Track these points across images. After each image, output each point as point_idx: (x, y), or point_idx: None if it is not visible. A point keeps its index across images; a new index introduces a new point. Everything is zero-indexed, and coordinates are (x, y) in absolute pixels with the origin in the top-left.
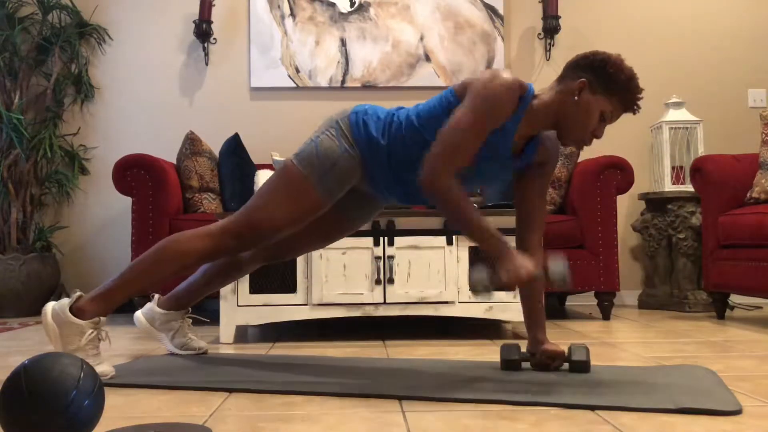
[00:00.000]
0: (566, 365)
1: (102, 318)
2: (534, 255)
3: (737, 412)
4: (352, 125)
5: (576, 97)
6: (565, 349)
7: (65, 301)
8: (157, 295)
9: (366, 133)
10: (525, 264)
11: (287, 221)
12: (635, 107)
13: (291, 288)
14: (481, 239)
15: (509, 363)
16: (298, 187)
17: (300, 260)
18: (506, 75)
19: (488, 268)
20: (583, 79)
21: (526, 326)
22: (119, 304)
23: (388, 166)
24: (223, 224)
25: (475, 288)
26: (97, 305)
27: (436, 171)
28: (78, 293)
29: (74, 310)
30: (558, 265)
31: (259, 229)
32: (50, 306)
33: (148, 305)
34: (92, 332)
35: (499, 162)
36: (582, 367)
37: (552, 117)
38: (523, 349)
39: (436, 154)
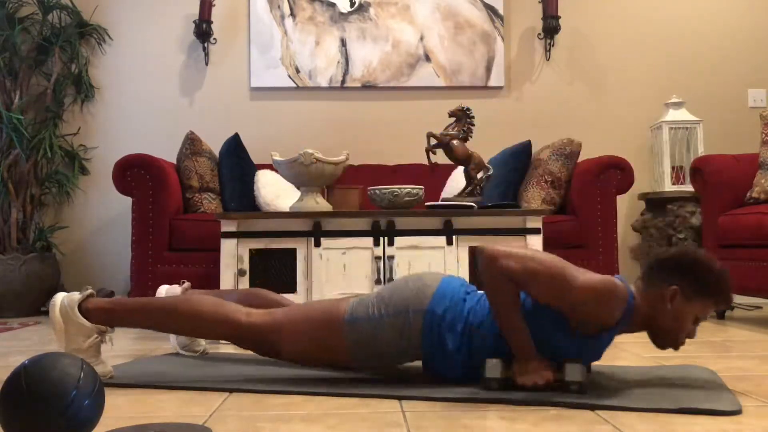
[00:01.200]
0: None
1: (110, 328)
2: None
3: (737, 412)
4: (423, 330)
5: (669, 306)
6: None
7: (75, 297)
8: (187, 283)
9: (439, 343)
10: (544, 372)
11: (306, 360)
12: (730, 302)
13: (291, 288)
14: (513, 338)
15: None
16: (334, 347)
17: (300, 260)
18: (623, 287)
19: (501, 361)
20: (675, 288)
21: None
22: (126, 326)
23: (460, 367)
24: (251, 323)
25: (487, 383)
26: (106, 316)
27: (509, 256)
28: (89, 290)
29: (82, 308)
30: (575, 369)
31: (275, 350)
32: (59, 299)
33: (176, 287)
34: (97, 337)
35: (598, 353)
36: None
37: (644, 322)
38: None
39: (524, 253)
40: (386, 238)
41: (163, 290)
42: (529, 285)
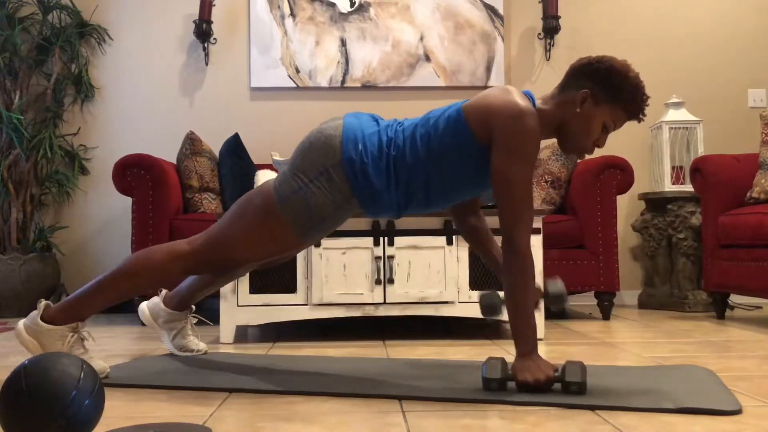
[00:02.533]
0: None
1: (79, 322)
2: (479, 218)
3: (737, 411)
4: (347, 175)
5: (578, 109)
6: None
7: (34, 314)
8: (164, 291)
9: (366, 183)
10: (545, 369)
11: (260, 255)
12: (641, 116)
13: (291, 288)
14: (522, 324)
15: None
16: (279, 231)
17: (300, 260)
18: (522, 102)
19: (503, 364)
20: (585, 90)
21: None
22: (88, 316)
23: (396, 207)
24: (194, 248)
25: (489, 386)
26: (65, 315)
27: (522, 235)
28: (44, 303)
29: (45, 319)
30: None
31: (229, 260)
32: (21, 323)
33: (155, 299)
34: (73, 335)
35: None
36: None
37: (554, 126)
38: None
39: (515, 219)
40: (386, 238)
41: (144, 306)
42: (532, 214)
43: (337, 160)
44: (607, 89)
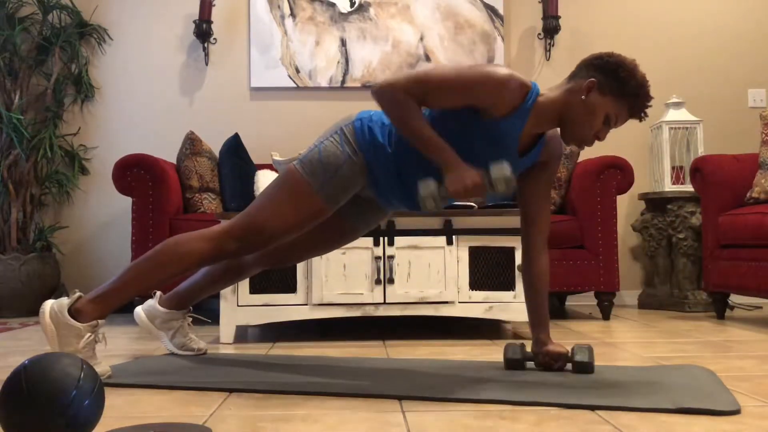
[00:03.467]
0: (570, 365)
1: (100, 321)
2: (539, 256)
3: (736, 412)
4: (356, 131)
5: (584, 96)
6: (569, 349)
7: (64, 302)
8: (159, 293)
9: (371, 138)
10: (471, 174)
11: (289, 226)
12: (642, 115)
13: (291, 288)
14: (428, 146)
15: (512, 362)
16: (301, 192)
17: None
18: (505, 70)
19: (435, 181)
20: (593, 79)
21: (530, 326)
22: (118, 306)
23: (395, 171)
24: (224, 227)
25: (423, 202)
26: (95, 307)
27: (393, 80)
28: (77, 294)
29: (72, 311)
30: (501, 168)
31: (260, 234)
32: (48, 305)
33: (150, 302)
34: (90, 336)
35: (505, 154)
36: (585, 367)
37: (557, 114)
38: (528, 349)
39: (400, 73)
40: (386, 238)
41: (140, 309)
42: (425, 94)
43: (351, 120)
44: (614, 82)
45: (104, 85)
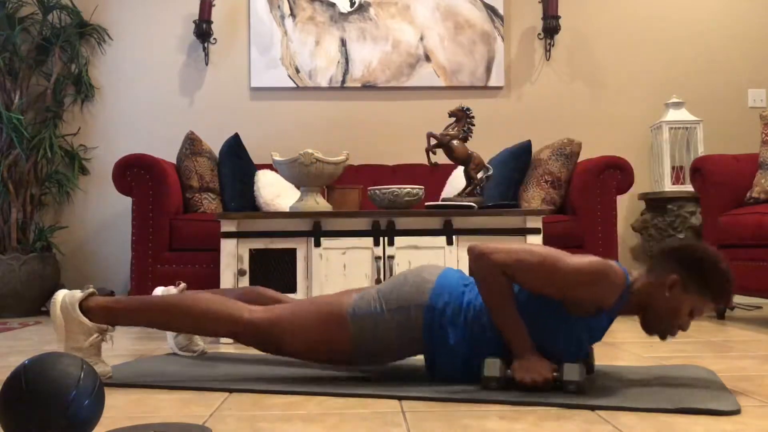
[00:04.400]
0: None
1: (111, 326)
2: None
3: (736, 412)
4: (425, 324)
5: (667, 293)
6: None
7: (77, 295)
8: (182, 285)
9: (441, 339)
10: (543, 367)
11: (308, 354)
12: (729, 303)
13: (291, 288)
14: (509, 330)
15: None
16: (337, 338)
17: (300, 260)
18: (617, 267)
19: (501, 362)
20: (675, 276)
21: None
22: (127, 325)
23: (460, 362)
24: (253, 319)
25: (486, 382)
26: (107, 314)
27: (500, 252)
28: (90, 289)
29: (83, 307)
30: (574, 371)
31: (277, 345)
32: (60, 296)
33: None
34: (98, 336)
35: (599, 337)
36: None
37: (640, 306)
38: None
39: (514, 248)
40: (386, 238)
41: (159, 291)
42: (519, 274)
43: (423, 303)
44: (697, 278)
45: (104, 85)
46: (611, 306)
